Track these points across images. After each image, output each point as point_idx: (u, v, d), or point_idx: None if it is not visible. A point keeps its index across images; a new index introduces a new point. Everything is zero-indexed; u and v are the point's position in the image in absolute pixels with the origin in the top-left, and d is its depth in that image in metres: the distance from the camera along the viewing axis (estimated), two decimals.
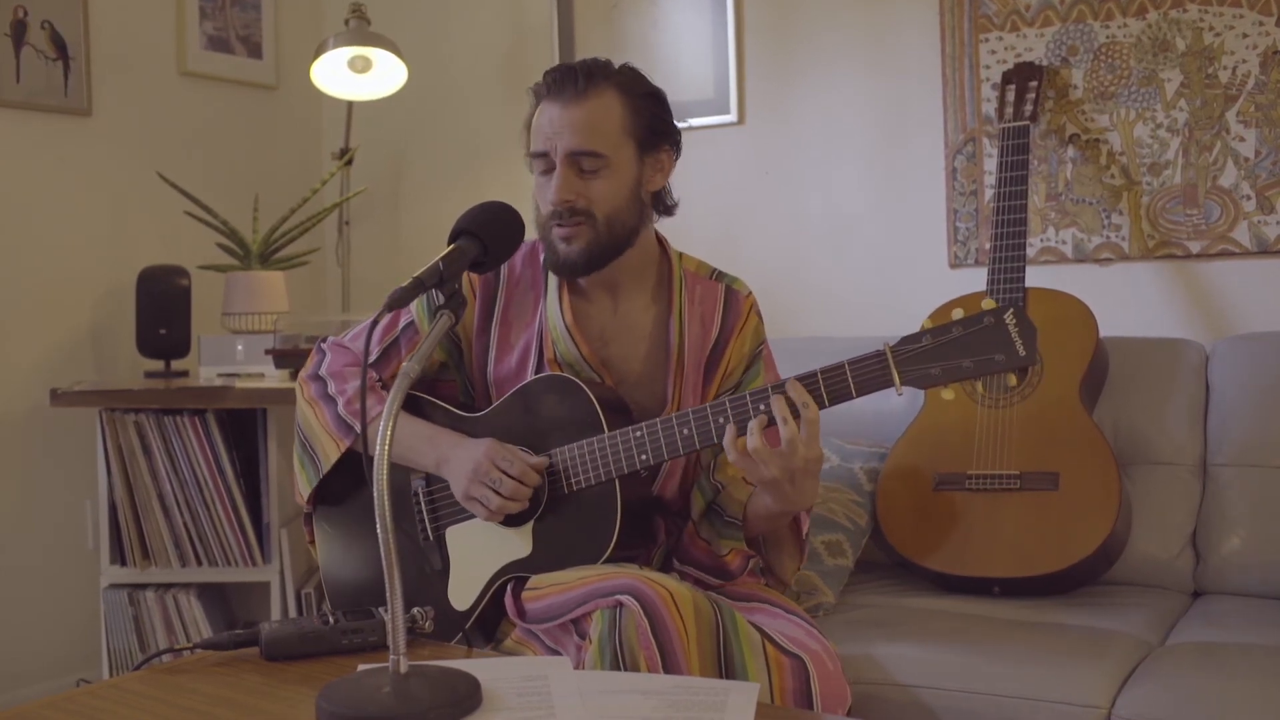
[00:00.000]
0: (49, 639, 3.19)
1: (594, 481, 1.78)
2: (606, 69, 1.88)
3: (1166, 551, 2.41)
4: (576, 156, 1.84)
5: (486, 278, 1.95)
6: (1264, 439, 2.41)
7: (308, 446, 1.98)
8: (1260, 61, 2.65)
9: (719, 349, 1.95)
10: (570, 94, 1.84)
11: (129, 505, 2.93)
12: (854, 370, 1.68)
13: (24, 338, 3.17)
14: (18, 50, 3.11)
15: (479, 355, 1.96)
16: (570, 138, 1.84)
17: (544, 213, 1.88)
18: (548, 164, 1.87)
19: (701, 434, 1.73)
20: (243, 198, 3.44)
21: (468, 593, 1.87)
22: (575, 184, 1.85)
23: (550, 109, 1.86)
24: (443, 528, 1.91)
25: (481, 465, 1.79)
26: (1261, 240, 2.66)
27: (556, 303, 1.90)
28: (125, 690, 1.47)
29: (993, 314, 1.63)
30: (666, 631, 1.58)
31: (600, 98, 1.85)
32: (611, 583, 1.64)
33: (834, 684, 1.72)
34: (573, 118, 1.84)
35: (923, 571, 2.41)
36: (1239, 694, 1.81)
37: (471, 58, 3.69)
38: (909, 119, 3.04)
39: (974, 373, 1.63)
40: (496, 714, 1.32)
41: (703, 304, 1.95)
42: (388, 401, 1.39)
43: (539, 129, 1.88)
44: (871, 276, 3.10)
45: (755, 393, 1.71)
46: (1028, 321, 1.62)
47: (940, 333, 1.64)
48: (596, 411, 1.80)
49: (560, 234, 1.86)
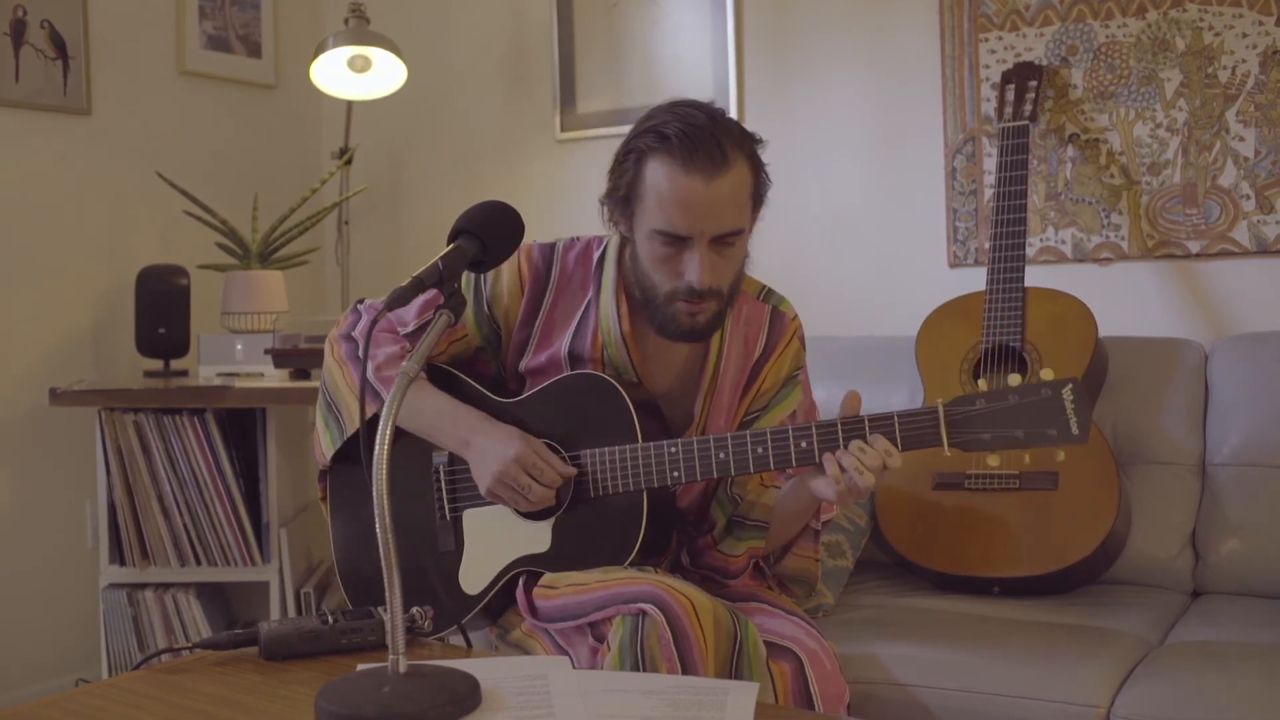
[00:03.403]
0: (48, 639, 3.19)
1: (622, 490, 1.77)
2: (737, 133, 1.75)
3: (1166, 551, 2.41)
4: (720, 237, 1.73)
5: (538, 271, 1.90)
6: (1264, 439, 2.40)
7: (333, 407, 1.94)
8: (1260, 61, 2.65)
9: (757, 370, 1.92)
10: (711, 169, 1.69)
11: (128, 505, 2.93)
12: (903, 424, 1.66)
13: (24, 337, 3.16)
14: (17, 50, 3.11)
15: (518, 346, 1.93)
16: (719, 221, 1.71)
17: (668, 288, 1.76)
18: (680, 242, 1.73)
19: (738, 461, 1.72)
20: (242, 197, 3.44)
21: (479, 578, 1.86)
22: (717, 265, 1.74)
23: (689, 184, 1.69)
24: (461, 509, 1.90)
25: (510, 469, 1.77)
26: (1261, 240, 2.66)
27: (613, 307, 1.85)
28: (124, 690, 1.47)
29: (1051, 386, 1.61)
30: (688, 642, 1.59)
31: (736, 168, 1.73)
32: (633, 589, 1.63)
33: (832, 683, 1.73)
34: (718, 197, 1.70)
35: (922, 571, 2.41)
36: (1238, 693, 1.81)
37: (471, 57, 3.69)
38: (909, 119, 3.04)
39: (1024, 443, 1.62)
40: (496, 714, 1.32)
41: (748, 324, 1.91)
42: (387, 402, 1.38)
43: (674, 205, 1.70)
44: (871, 276, 3.09)
45: (798, 429, 1.69)
46: (1085, 398, 1.60)
47: (995, 398, 1.62)
48: (632, 417, 1.79)
49: (687, 309, 1.76)
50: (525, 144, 3.60)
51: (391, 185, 3.84)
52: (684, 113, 1.73)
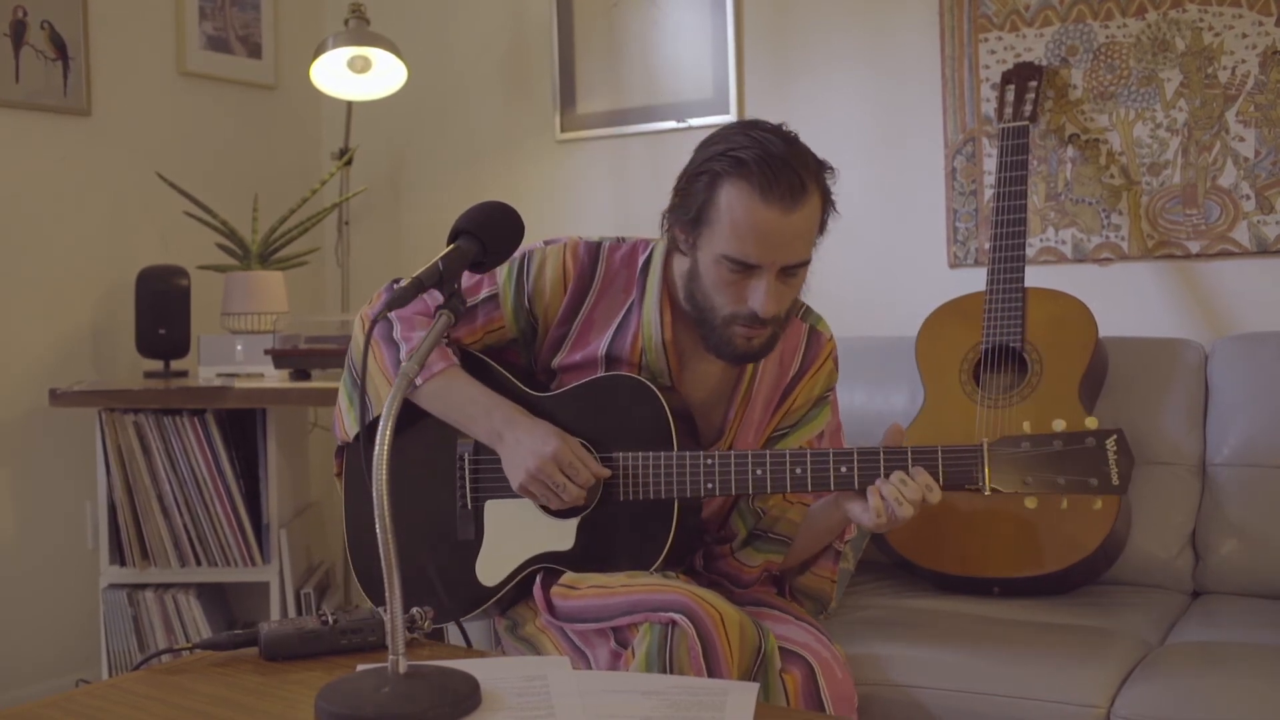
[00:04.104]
0: (48, 639, 3.19)
1: (653, 496, 1.77)
2: (814, 164, 1.73)
3: (1166, 551, 2.41)
4: (788, 267, 1.72)
5: (583, 269, 1.87)
6: (1264, 439, 2.40)
7: (359, 384, 1.91)
8: (1260, 61, 2.65)
9: (790, 388, 1.91)
10: (789, 201, 1.67)
11: (128, 505, 2.93)
12: (946, 458, 1.66)
13: (24, 338, 3.16)
14: (17, 50, 3.11)
15: (553, 342, 1.91)
16: (791, 252, 1.70)
17: (728, 312, 1.74)
18: (749, 269, 1.71)
19: (775, 480, 1.72)
20: (242, 198, 3.44)
21: (497, 570, 1.85)
22: (782, 294, 1.73)
23: (767, 213, 1.66)
24: (483, 499, 1.88)
25: (547, 467, 1.75)
26: (1261, 240, 2.66)
27: (656, 314, 1.84)
28: (125, 690, 1.47)
29: (1096, 436, 1.63)
30: (715, 654, 1.59)
31: (812, 200, 1.71)
32: (662, 597, 1.62)
33: (843, 690, 1.73)
34: (794, 229, 1.69)
35: (923, 572, 2.41)
36: (1238, 693, 1.81)
37: (471, 58, 3.69)
38: (909, 119, 3.04)
39: (1064, 490, 1.64)
40: (496, 714, 1.32)
41: (784, 343, 1.89)
42: (386, 402, 1.38)
43: (749, 233, 1.67)
44: (871, 276, 3.09)
45: (839, 453, 1.70)
46: (1128, 450, 1.63)
47: (1041, 443, 1.64)
48: (669, 425, 1.78)
49: (745, 333, 1.74)
50: (525, 144, 3.60)
51: (391, 186, 3.85)
52: (761, 137, 1.69)
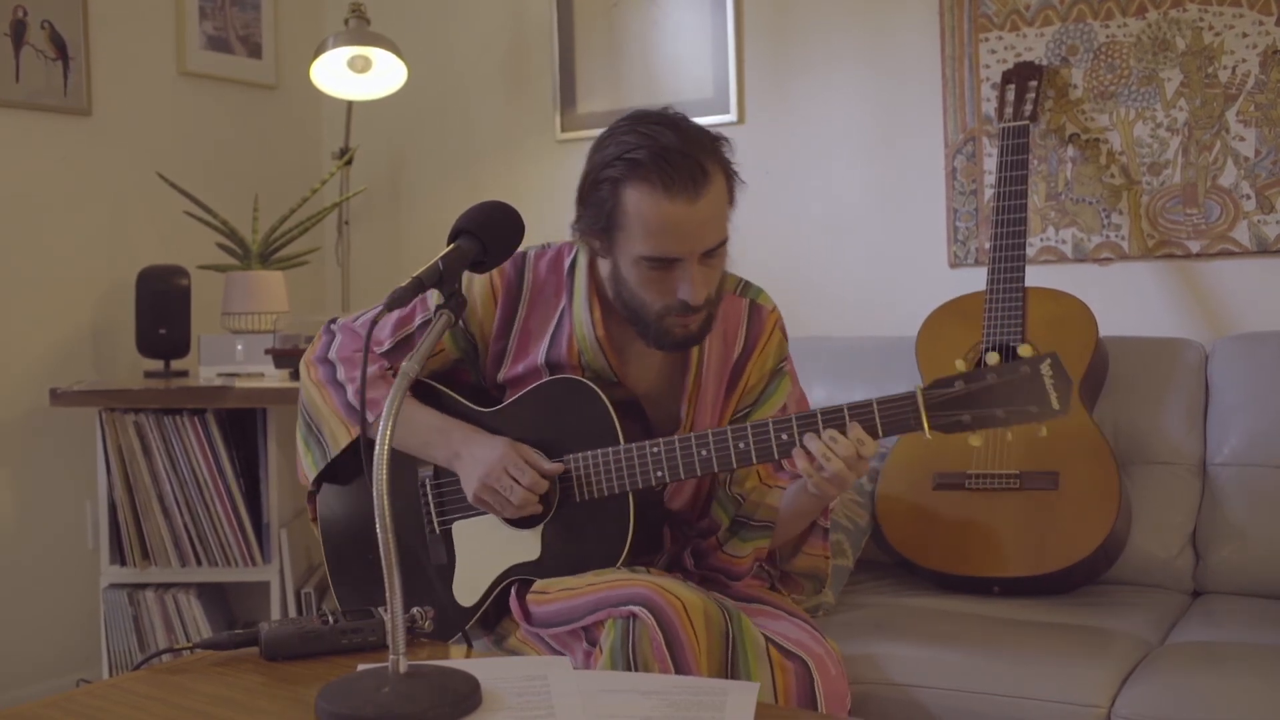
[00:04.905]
0: (49, 639, 3.19)
1: (607, 492, 1.77)
2: (709, 144, 1.71)
3: (1166, 551, 2.41)
4: (709, 251, 1.71)
5: (510, 282, 1.88)
6: (1264, 439, 2.40)
7: (313, 428, 1.94)
8: (1260, 61, 2.65)
9: (740, 365, 1.90)
10: (693, 190, 1.66)
11: (129, 505, 2.93)
12: (882, 410, 1.65)
13: (24, 337, 3.16)
14: (17, 50, 3.11)
15: (495, 357, 1.92)
16: (707, 238, 1.69)
17: (659, 306, 1.73)
18: (670, 263, 1.71)
19: (720, 458, 1.72)
20: (242, 197, 3.44)
21: (473, 590, 1.86)
22: (708, 277, 1.73)
23: (674, 209, 1.66)
24: (450, 521, 1.89)
25: (494, 470, 1.77)
26: (1261, 240, 2.66)
27: (587, 314, 1.83)
28: (125, 690, 1.47)
29: (1029, 363, 1.60)
30: (679, 642, 1.58)
31: (715, 182, 1.69)
32: (623, 591, 1.63)
33: (836, 686, 1.73)
34: (704, 215, 1.68)
35: (923, 571, 2.41)
36: (1239, 694, 1.81)
37: (471, 57, 3.69)
38: (909, 119, 3.04)
39: (1005, 422, 1.61)
40: (496, 714, 1.32)
41: (725, 320, 1.88)
42: (387, 402, 1.38)
43: (661, 231, 1.67)
44: (871, 276, 3.09)
45: (778, 421, 1.69)
46: (1064, 373, 1.59)
47: (974, 379, 1.61)
48: (612, 420, 1.78)
49: (681, 322, 1.74)
50: (525, 144, 3.60)
51: (392, 185, 3.85)
52: (650, 131, 1.68)
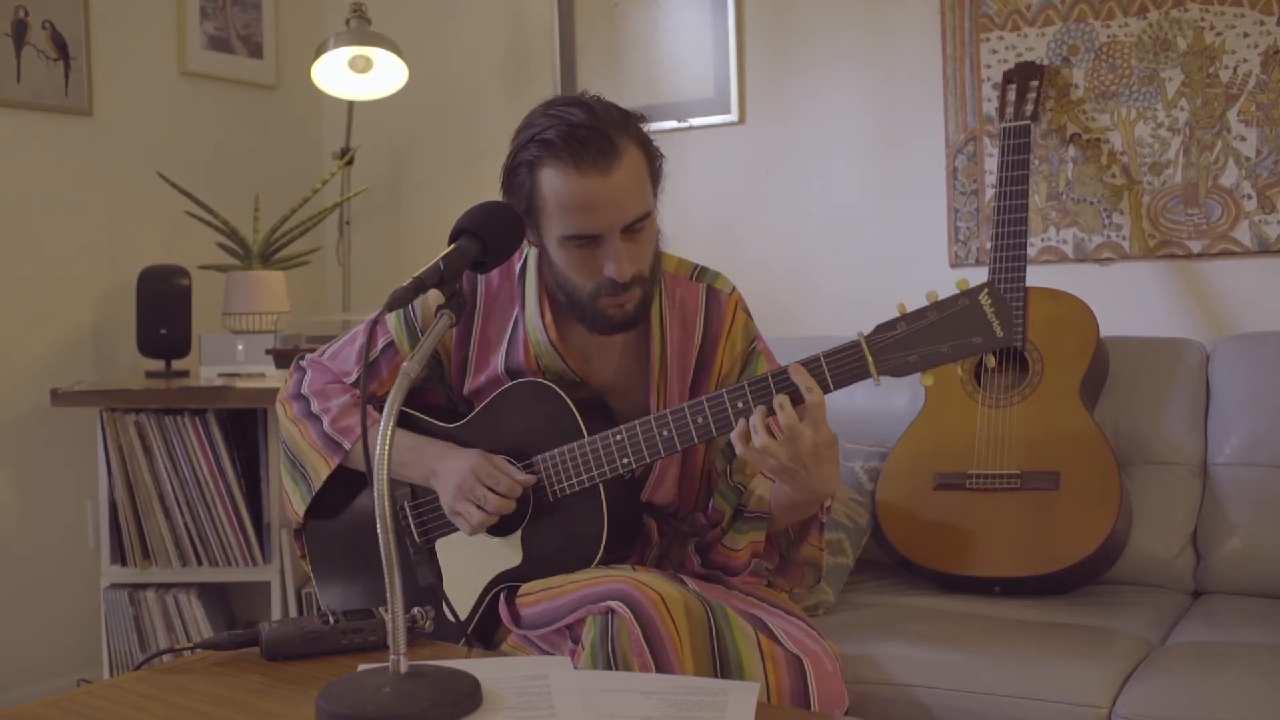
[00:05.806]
0: (49, 639, 3.19)
1: (578, 487, 1.76)
2: (619, 119, 1.70)
3: (1167, 551, 2.41)
4: (630, 225, 1.69)
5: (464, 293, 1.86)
6: (1264, 439, 2.40)
7: (297, 464, 1.96)
8: (1261, 61, 2.65)
9: (707, 352, 1.88)
10: (603, 164, 1.65)
11: (129, 505, 2.93)
12: (830, 363, 1.64)
13: (24, 338, 3.17)
14: (18, 50, 3.12)
15: (457, 369, 1.92)
16: (625, 211, 1.68)
17: (590, 287, 1.73)
18: (592, 241, 1.70)
19: (681, 434, 1.70)
20: (243, 198, 3.44)
21: (463, 604, 1.86)
22: (633, 252, 1.71)
23: (586, 184, 1.65)
24: (432, 540, 1.90)
25: (467, 481, 1.77)
26: (1262, 240, 2.66)
27: (538, 317, 1.83)
28: (125, 690, 1.47)
29: (967, 295, 1.58)
30: (658, 635, 1.57)
31: (628, 155, 1.68)
32: (602, 588, 1.63)
33: (832, 685, 1.72)
34: (619, 188, 1.66)
35: (923, 571, 2.41)
36: (1240, 693, 1.81)
37: (472, 57, 3.69)
38: (910, 118, 3.04)
39: (951, 357, 1.59)
40: (496, 714, 1.32)
41: (683, 307, 1.87)
42: (388, 402, 1.38)
43: (576, 208, 1.67)
44: (872, 276, 3.09)
45: (732, 390, 1.67)
46: (1003, 300, 1.57)
47: (915, 318, 1.60)
48: (574, 416, 1.77)
49: (614, 302, 1.73)
50: None
51: (393, 185, 3.85)
52: (560, 112, 1.69)
